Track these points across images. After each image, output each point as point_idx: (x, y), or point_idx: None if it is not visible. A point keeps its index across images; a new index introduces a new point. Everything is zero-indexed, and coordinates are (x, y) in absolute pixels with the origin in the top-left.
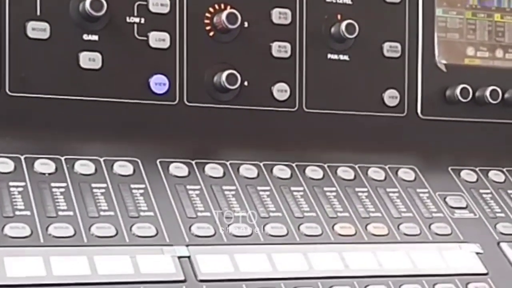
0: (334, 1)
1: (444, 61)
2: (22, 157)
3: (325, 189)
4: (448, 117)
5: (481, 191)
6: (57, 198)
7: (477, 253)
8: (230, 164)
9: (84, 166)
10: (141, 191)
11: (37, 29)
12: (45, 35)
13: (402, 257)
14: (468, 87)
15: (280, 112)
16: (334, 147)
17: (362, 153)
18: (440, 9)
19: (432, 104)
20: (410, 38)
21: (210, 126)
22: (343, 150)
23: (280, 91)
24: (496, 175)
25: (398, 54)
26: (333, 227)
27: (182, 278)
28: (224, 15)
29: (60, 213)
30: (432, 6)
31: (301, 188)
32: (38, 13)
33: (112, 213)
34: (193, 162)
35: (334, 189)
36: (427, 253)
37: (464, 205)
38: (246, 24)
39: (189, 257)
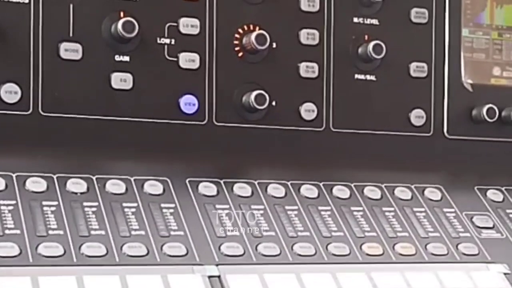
0: (361, 21)
1: (470, 81)
2: (55, 177)
3: (352, 208)
4: (474, 136)
5: (507, 210)
6: (89, 217)
7: (505, 274)
8: (258, 183)
9: (115, 186)
10: (171, 210)
11: (70, 50)
12: (78, 56)
13: (430, 277)
14: (494, 106)
15: (308, 132)
16: (361, 166)
17: (389, 173)
18: (466, 30)
19: (458, 124)
20: (437, 58)
21: (239, 146)
22: (370, 170)
23: (308, 111)
24: None
25: (424, 74)
26: (361, 246)
27: None
28: (253, 36)
29: (92, 232)
30: (458, 27)
31: (329, 208)
32: (71, 34)
33: (143, 232)
34: (222, 182)
35: (361, 208)
36: (455, 273)
37: (491, 225)
38: (274, 45)
39: (219, 276)
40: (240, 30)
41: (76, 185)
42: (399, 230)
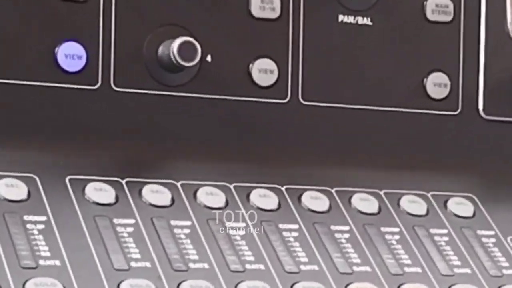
0: None
1: None
2: None
3: (333, 228)
4: None
5: None
6: None
7: None
8: (183, 185)
9: None
10: (41, 226)
11: None
12: None
13: None
14: None
15: (263, 105)
16: (346, 160)
17: (391, 172)
18: None
19: (500, 98)
20: None
21: (152, 125)
22: (361, 167)
23: (263, 71)
24: None
25: (449, 18)
26: None
27: None
28: None
29: None
30: None
31: (295, 226)
32: None
33: None
34: (124, 182)
35: (347, 228)
36: None
37: None
38: None
39: None
40: None
41: None
42: (407, 263)
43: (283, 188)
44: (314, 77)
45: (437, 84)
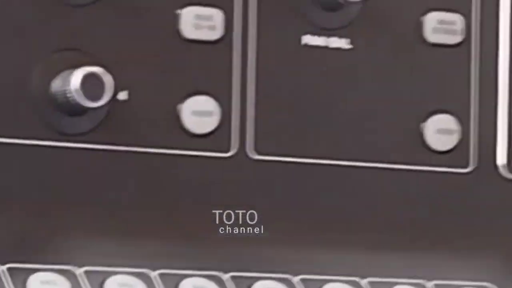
0: None
1: None
2: None
3: None
4: None
5: None
6: None
7: None
8: (87, 273)
9: None
10: None
11: None
12: None
13: None
14: None
15: (198, 160)
16: (315, 236)
17: (378, 253)
18: None
19: None
20: (483, 6)
21: (43, 187)
22: (336, 245)
23: (198, 113)
24: None
25: (456, 39)
26: None
27: None
28: None
29: None
30: None
31: None
32: None
33: None
34: (4, 268)
35: None
36: None
37: None
38: None
39: None
40: None
41: None
42: None
43: (227, 276)
44: (269, 121)
45: (441, 131)
